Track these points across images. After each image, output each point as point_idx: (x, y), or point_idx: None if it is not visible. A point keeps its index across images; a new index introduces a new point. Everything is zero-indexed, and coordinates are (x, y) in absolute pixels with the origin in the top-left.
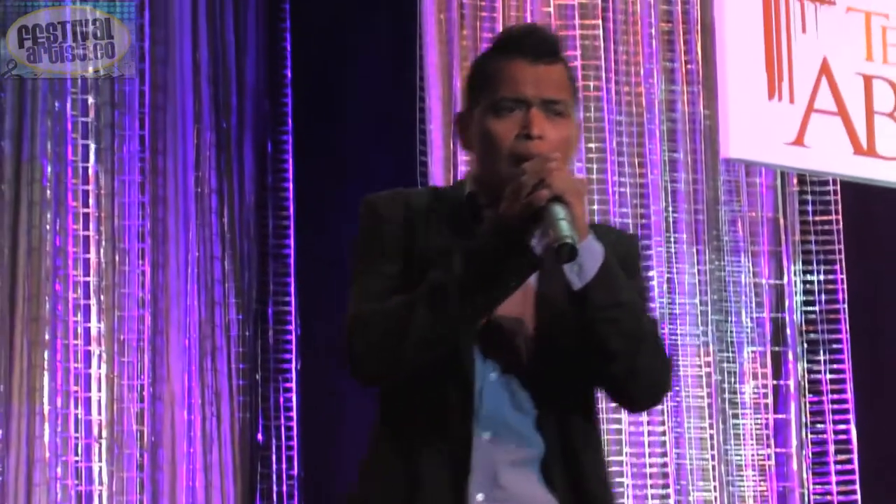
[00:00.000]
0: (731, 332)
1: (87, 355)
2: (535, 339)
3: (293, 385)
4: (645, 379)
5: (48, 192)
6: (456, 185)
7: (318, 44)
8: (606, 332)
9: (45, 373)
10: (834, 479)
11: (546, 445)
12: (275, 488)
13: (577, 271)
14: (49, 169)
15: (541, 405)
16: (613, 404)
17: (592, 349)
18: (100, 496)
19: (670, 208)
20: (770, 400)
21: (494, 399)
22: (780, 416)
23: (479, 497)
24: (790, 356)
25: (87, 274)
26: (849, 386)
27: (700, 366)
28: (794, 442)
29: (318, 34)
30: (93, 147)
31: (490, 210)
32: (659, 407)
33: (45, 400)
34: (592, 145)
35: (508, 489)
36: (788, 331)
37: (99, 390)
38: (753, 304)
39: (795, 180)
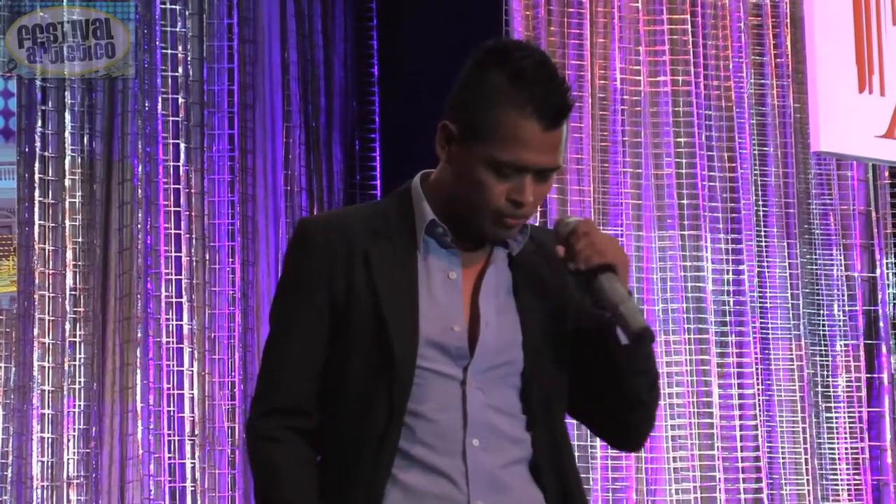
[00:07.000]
0: (824, 325)
1: (179, 353)
2: (522, 345)
3: None
4: (653, 423)
5: (139, 191)
6: (403, 196)
7: (404, 43)
8: (640, 383)
9: (138, 371)
10: None
11: (535, 448)
12: None
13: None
14: (140, 168)
15: (528, 410)
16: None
17: (621, 399)
18: (192, 493)
19: (761, 202)
20: (863, 393)
21: (480, 405)
22: (873, 409)
23: None
24: (883, 349)
25: (178, 272)
26: None
27: (792, 359)
28: (889, 435)
29: (404, 33)
30: (183, 146)
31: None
32: (751, 401)
33: (138, 398)
34: (682, 140)
35: (506, 494)
36: (881, 324)
37: (191, 388)
38: (846, 298)
39: (887, 173)
